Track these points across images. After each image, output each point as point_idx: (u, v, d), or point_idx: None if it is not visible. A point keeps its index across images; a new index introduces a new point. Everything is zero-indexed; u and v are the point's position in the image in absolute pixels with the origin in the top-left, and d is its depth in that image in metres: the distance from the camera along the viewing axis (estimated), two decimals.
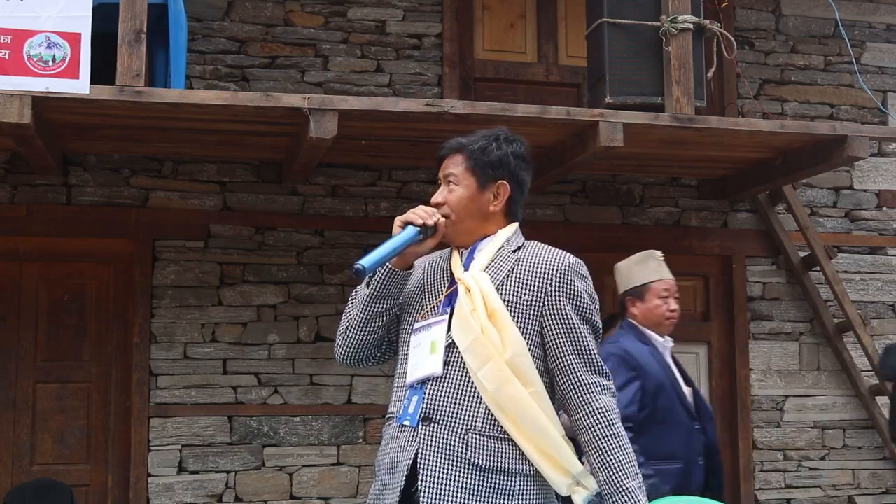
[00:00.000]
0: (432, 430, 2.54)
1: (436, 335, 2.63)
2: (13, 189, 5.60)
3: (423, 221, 2.64)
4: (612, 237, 6.29)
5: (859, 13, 6.86)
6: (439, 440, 2.53)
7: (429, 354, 2.62)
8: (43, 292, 5.68)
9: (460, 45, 6.25)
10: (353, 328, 2.74)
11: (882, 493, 6.53)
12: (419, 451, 2.54)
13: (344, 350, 2.79)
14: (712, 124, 5.26)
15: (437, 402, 2.56)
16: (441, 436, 2.53)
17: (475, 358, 2.55)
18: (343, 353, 2.81)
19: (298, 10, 6.03)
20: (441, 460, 2.52)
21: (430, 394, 2.57)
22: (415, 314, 2.73)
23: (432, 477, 2.51)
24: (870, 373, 6.45)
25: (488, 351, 2.55)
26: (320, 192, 5.94)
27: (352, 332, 2.75)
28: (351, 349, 2.78)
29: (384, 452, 2.66)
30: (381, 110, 4.89)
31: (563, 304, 2.61)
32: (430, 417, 2.55)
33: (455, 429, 2.53)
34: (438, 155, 2.79)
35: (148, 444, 5.57)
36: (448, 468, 2.51)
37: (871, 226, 6.73)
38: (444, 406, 2.55)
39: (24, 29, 4.51)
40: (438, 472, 2.51)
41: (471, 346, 2.56)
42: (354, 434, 5.84)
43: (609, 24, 5.29)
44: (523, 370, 2.56)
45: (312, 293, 5.86)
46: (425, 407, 2.56)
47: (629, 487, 2.52)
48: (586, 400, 2.57)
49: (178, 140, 5.45)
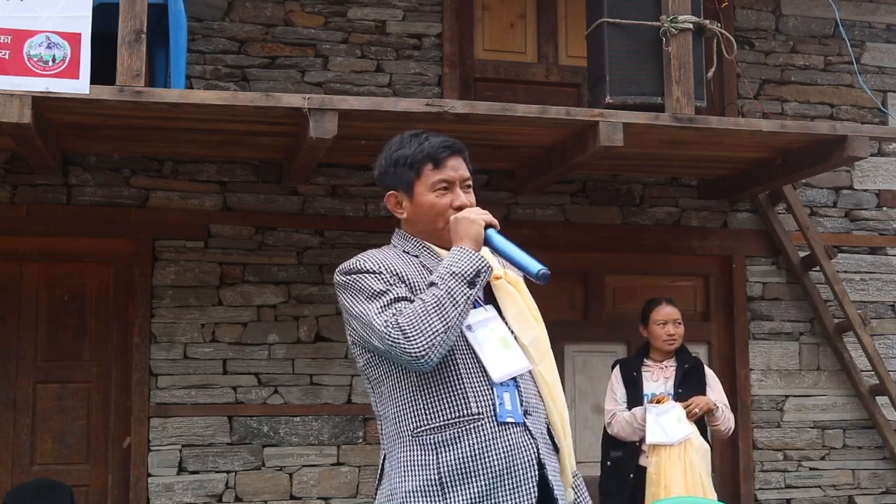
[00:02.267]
0: (533, 423, 2.58)
1: (497, 331, 2.62)
2: (13, 189, 5.60)
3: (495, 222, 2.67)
4: (612, 237, 6.29)
5: (859, 13, 6.86)
6: (540, 432, 2.59)
7: (503, 350, 2.60)
8: (43, 292, 5.68)
9: (460, 45, 6.25)
10: (454, 328, 2.52)
11: (882, 493, 6.53)
12: (539, 445, 2.57)
13: (440, 351, 2.51)
14: (712, 124, 5.26)
15: (529, 396, 2.61)
16: (539, 428, 2.59)
17: (537, 352, 2.64)
18: (439, 355, 2.52)
19: (298, 10, 6.03)
20: (548, 450, 2.60)
21: (524, 388, 2.61)
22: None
23: (554, 468, 2.59)
24: (870, 373, 6.45)
25: (547, 346, 2.66)
26: (320, 192, 5.94)
27: (452, 332, 2.52)
28: (446, 349, 2.55)
29: (484, 456, 2.51)
30: (381, 110, 4.89)
31: None
32: (528, 412, 2.59)
33: (543, 419, 2.62)
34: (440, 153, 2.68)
35: (148, 444, 5.57)
36: (551, 456, 2.60)
37: (871, 226, 6.73)
38: (534, 399, 2.62)
39: (24, 29, 4.50)
40: (552, 462, 2.59)
41: (534, 341, 2.64)
42: (354, 434, 5.84)
43: (609, 24, 5.29)
44: None
45: (312, 293, 5.86)
46: (524, 402, 2.59)
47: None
48: None
49: (178, 140, 5.45)
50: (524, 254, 2.59)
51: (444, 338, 2.50)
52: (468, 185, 2.71)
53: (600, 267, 6.28)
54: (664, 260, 6.42)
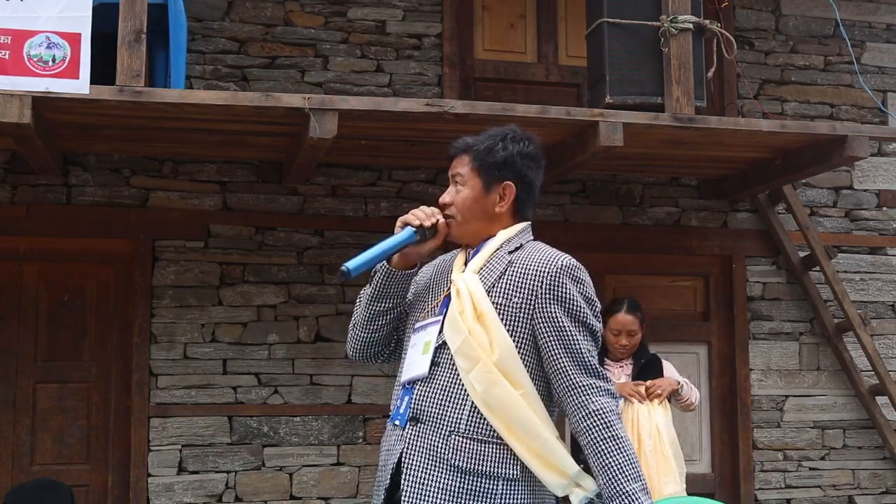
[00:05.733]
0: (418, 430, 2.56)
1: (430, 336, 2.64)
2: (13, 189, 5.60)
3: (419, 223, 2.63)
4: (612, 237, 6.29)
5: (859, 13, 6.86)
6: (424, 441, 2.54)
7: (421, 355, 2.63)
8: (43, 292, 5.68)
9: (460, 45, 6.25)
10: (358, 326, 2.82)
11: (882, 493, 6.53)
12: (404, 450, 2.56)
13: (351, 346, 2.87)
14: (712, 124, 5.26)
15: (424, 403, 2.57)
16: (426, 436, 2.54)
17: (465, 359, 2.55)
18: (351, 350, 2.88)
19: (298, 10, 6.03)
20: (424, 461, 2.53)
21: (418, 394, 2.59)
22: (418, 314, 2.74)
23: (415, 477, 2.52)
24: (870, 373, 6.45)
25: (476, 353, 2.54)
26: (320, 192, 5.94)
27: (357, 329, 2.83)
28: (357, 346, 2.85)
29: (380, 450, 2.73)
30: (381, 110, 4.89)
31: (552, 307, 2.57)
32: (417, 418, 2.57)
33: (439, 430, 2.54)
34: (449, 154, 2.79)
35: (148, 444, 5.57)
36: (430, 469, 2.52)
37: (871, 226, 6.73)
38: (430, 407, 2.56)
39: (24, 29, 4.50)
40: (421, 472, 2.52)
41: (461, 347, 2.55)
42: (354, 434, 5.84)
43: (609, 24, 5.29)
44: (512, 372, 2.54)
45: (312, 293, 5.86)
46: (413, 407, 2.58)
47: (629, 490, 2.46)
48: (582, 402, 2.53)
49: (178, 140, 5.45)
50: (379, 248, 2.67)
51: (352, 334, 2.85)
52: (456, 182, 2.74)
53: (600, 267, 6.26)
54: (664, 260, 6.42)
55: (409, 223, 2.65)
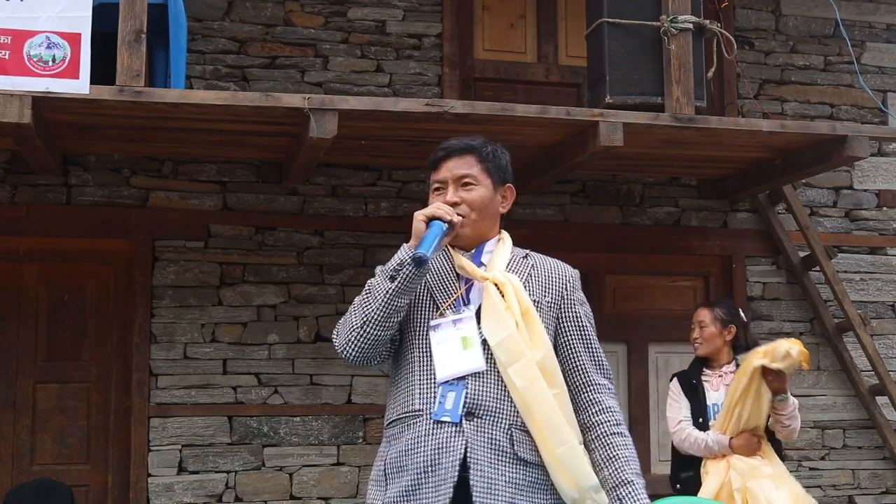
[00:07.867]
0: (477, 425, 2.55)
1: (466, 331, 2.63)
2: (13, 189, 5.60)
3: (450, 218, 2.64)
4: (612, 237, 6.29)
5: (859, 13, 6.86)
6: (486, 435, 2.55)
7: (461, 351, 2.61)
8: (43, 292, 5.68)
9: (460, 45, 6.25)
10: (373, 324, 2.61)
11: (882, 493, 6.53)
12: (468, 445, 2.53)
13: (358, 346, 2.64)
14: (712, 124, 5.26)
15: (481, 397, 2.57)
16: (487, 430, 2.55)
17: (507, 354, 2.59)
18: (356, 350, 2.65)
19: (298, 10, 6.03)
20: (490, 455, 2.54)
21: (473, 389, 2.58)
22: (426, 313, 2.69)
23: (483, 472, 2.52)
24: (870, 373, 6.45)
25: (520, 348, 2.59)
26: (320, 192, 5.94)
27: (370, 327, 2.62)
28: (367, 345, 2.63)
29: (414, 451, 2.58)
30: (381, 110, 4.89)
31: (576, 307, 2.73)
32: (474, 412, 2.56)
33: (499, 423, 2.56)
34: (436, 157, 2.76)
35: (148, 444, 5.57)
36: (497, 462, 2.54)
37: (871, 226, 6.73)
38: (488, 401, 2.57)
39: (24, 29, 4.50)
40: (489, 466, 2.53)
41: (504, 341, 2.59)
42: (354, 434, 5.84)
43: (609, 24, 5.29)
44: (551, 371, 2.61)
45: (312, 293, 5.86)
46: (468, 402, 2.56)
47: (635, 481, 2.58)
48: (597, 399, 2.67)
49: (178, 140, 5.45)
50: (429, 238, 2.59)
51: (362, 332, 2.62)
52: (465, 182, 2.72)
53: (600, 267, 6.28)
54: (664, 260, 6.42)
55: (441, 218, 2.63)
